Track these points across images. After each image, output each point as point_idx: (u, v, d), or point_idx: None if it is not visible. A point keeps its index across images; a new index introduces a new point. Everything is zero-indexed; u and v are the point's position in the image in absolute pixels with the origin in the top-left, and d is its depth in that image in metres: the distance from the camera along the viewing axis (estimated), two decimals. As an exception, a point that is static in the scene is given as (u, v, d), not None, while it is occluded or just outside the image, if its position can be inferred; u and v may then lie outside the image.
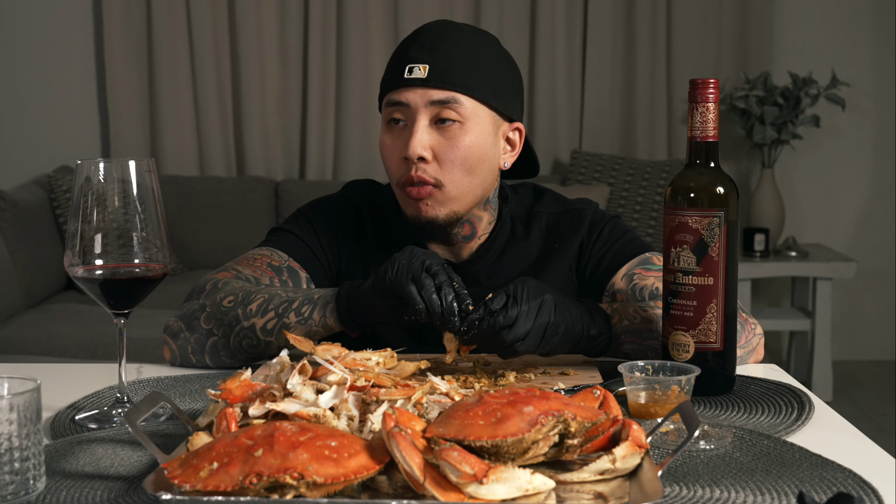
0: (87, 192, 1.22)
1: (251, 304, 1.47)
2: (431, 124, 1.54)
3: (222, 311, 1.49)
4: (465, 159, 1.54)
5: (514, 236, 1.66)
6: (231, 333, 1.48)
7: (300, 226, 1.65)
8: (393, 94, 1.55)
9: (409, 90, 1.53)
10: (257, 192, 4.49)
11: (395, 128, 1.56)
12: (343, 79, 4.67)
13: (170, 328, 1.53)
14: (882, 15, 4.81)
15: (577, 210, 1.68)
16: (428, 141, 1.53)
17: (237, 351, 1.49)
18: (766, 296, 4.93)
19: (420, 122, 1.53)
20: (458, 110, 1.53)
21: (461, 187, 1.55)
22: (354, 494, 0.96)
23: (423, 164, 1.52)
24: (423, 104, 1.53)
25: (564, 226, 1.67)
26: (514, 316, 1.34)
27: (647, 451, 1.02)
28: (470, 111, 1.54)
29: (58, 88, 4.67)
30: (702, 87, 1.33)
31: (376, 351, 1.23)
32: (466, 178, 1.55)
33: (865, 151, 4.89)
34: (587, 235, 1.66)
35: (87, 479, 1.04)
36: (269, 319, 1.46)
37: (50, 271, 4.02)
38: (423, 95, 1.52)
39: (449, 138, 1.53)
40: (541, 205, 1.69)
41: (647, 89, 4.73)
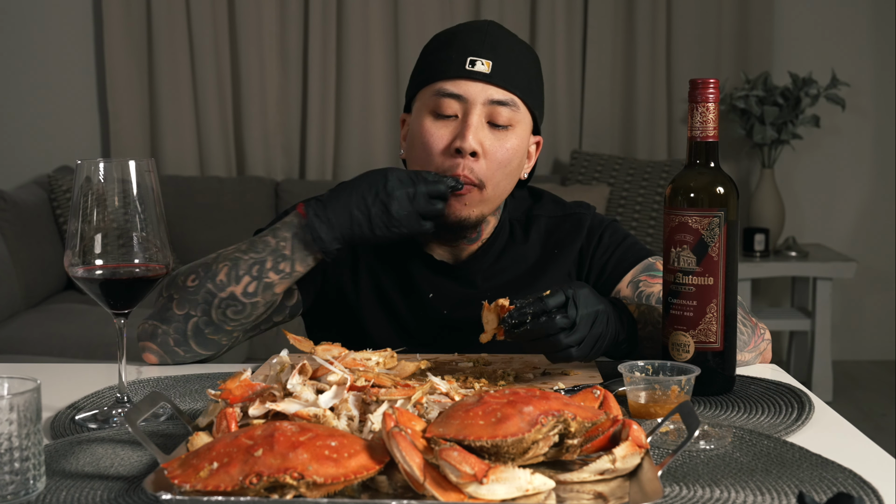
0: (87, 192, 1.22)
1: (218, 274, 1.46)
2: (483, 123, 1.52)
3: (190, 292, 1.47)
4: (508, 162, 1.53)
5: (513, 239, 1.66)
6: (211, 308, 1.47)
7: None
8: (447, 85, 1.52)
9: (470, 83, 1.51)
10: (257, 192, 4.48)
11: (442, 121, 1.53)
12: (343, 79, 4.67)
13: (144, 331, 1.52)
14: (882, 15, 4.81)
15: (576, 215, 1.67)
16: (481, 137, 1.51)
17: (222, 322, 1.48)
18: (766, 296, 4.93)
19: (476, 116, 1.51)
20: (513, 115, 1.53)
21: (498, 190, 1.55)
22: (354, 494, 0.96)
23: (472, 161, 1.51)
24: (483, 101, 1.51)
25: (564, 231, 1.66)
26: (574, 319, 1.30)
27: (647, 451, 1.02)
28: (520, 117, 1.54)
29: (58, 88, 4.67)
30: (702, 87, 1.33)
31: (376, 351, 1.23)
32: (504, 182, 1.55)
33: (865, 151, 4.89)
34: (587, 241, 1.65)
35: (87, 479, 1.04)
36: (248, 284, 1.45)
37: (50, 271, 4.02)
38: (483, 91, 1.51)
39: (499, 139, 1.53)
40: (539, 208, 1.69)
41: (647, 89, 4.73)
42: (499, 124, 1.52)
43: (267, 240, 1.48)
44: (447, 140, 1.52)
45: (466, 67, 1.51)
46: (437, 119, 1.53)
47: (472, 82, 1.51)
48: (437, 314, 1.62)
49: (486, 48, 1.52)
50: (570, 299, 1.31)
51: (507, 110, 1.52)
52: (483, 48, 1.52)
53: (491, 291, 1.60)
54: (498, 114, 1.52)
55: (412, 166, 1.58)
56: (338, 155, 4.73)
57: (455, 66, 1.51)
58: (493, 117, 1.52)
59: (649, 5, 4.70)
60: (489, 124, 1.52)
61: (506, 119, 1.52)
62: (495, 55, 1.52)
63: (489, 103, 1.51)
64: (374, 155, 4.68)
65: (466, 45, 1.52)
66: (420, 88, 1.57)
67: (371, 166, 4.66)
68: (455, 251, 1.64)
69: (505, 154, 1.53)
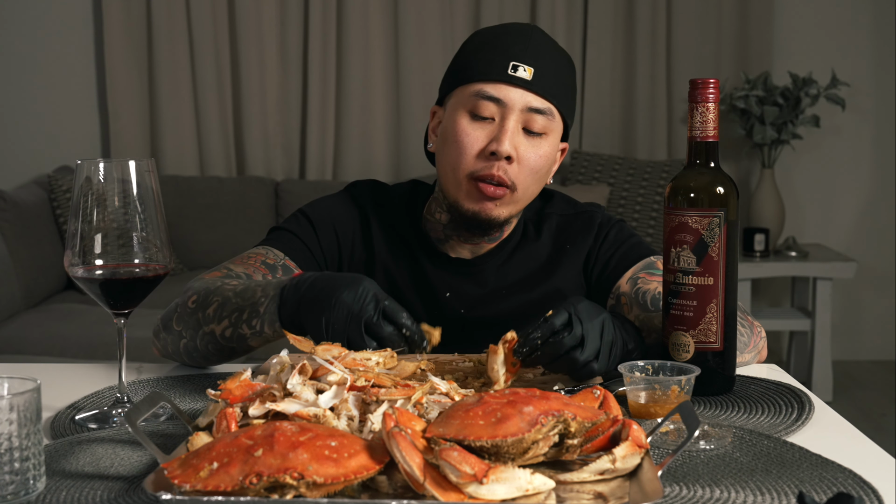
0: (87, 192, 1.22)
1: (209, 307, 1.43)
2: (519, 128, 1.53)
3: (188, 313, 1.45)
4: (540, 168, 1.55)
5: (526, 237, 1.67)
6: (197, 336, 1.45)
7: (300, 225, 1.64)
8: (488, 87, 1.52)
9: (511, 88, 1.52)
10: (257, 192, 4.48)
11: (479, 122, 1.53)
12: (343, 79, 4.67)
13: (156, 326, 1.53)
14: (882, 15, 4.81)
15: (588, 213, 1.69)
16: (517, 142, 1.53)
17: (207, 354, 1.46)
18: (766, 296, 4.93)
19: (514, 122, 1.52)
20: (548, 123, 1.54)
21: (528, 193, 1.57)
22: (354, 494, 0.96)
23: (506, 164, 1.52)
24: (522, 108, 1.52)
25: (575, 228, 1.67)
26: (580, 334, 1.28)
27: (647, 451, 1.02)
28: (554, 125, 1.56)
29: (58, 88, 4.67)
30: (702, 87, 1.33)
31: (376, 351, 1.23)
32: (534, 186, 1.57)
33: (865, 151, 4.89)
34: (594, 239, 1.66)
35: (87, 479, 1.04)
36: (226, 328, 1.41)
37: (50, 271, 4.02)
38: (523, 97, 1.52)
39: (533, 145, 1.54)
40: (551, 206, 1.69)
41: (647, 89, 4.73)
42: (534, 131, 1.54)
43: (255, 289, 1.41)
44: (483, 142, 1.52)
45: (509, 72, 1.51)
46: (473, 120, 1.53)
47: (512, 87, 1.52)
48: (454, 314, 1.62)
49: (529, 54, 1.53)
50: (573, 315, 1.29)
51: (543, 118, 1.53)
52: (526, 54, 1.53)
53: (505, 289, 1.62)
54: (534, 121, 1.53)
55: (442, 162, 1.58)
56: (338, 155, 4.73)
57: (497, 69, 1.52)
58: (529, 124, 1.53)
59: (649, 5, 4.70)
60: (524, 130, 1.53)
61: (541, 126, 1.53)
62: (537, 62, 1.53)
63: (527, 110, 1.52)
64: (374, 155, 4.68)
65: (510, 49, 1.53)
66: (458, 85, 1.56)
67: (371, 166, 4.67)
68: (474, 249, 1.64)
69: (537, 161, 1.54)
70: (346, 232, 1.65)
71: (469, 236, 1.61)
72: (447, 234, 1.63)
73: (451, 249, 1.64)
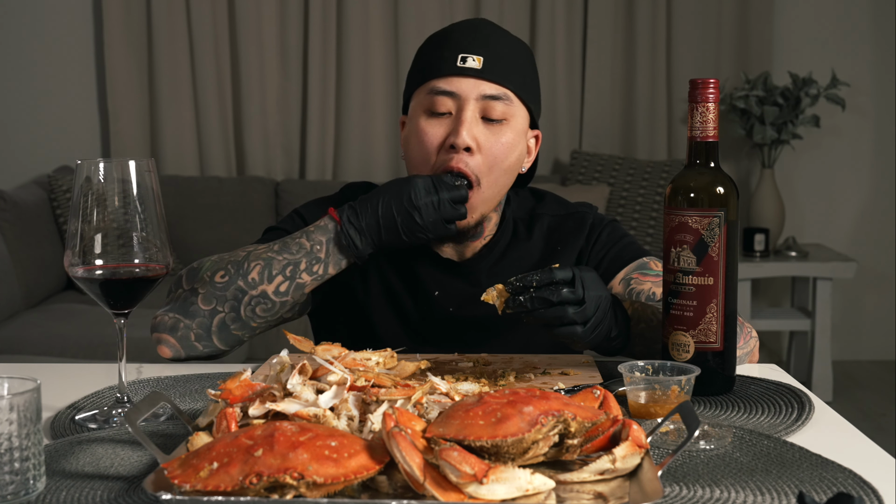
0: (87, 192, 1.22)
1: (250, 272, 1.48)
2: (477, 118, 1.53)
3: (219, 288, 1.48)
4: (505, 157, 1.54)
5: (517, 237, 1.67)
6: (240, 305, 1.48)
7: (295, 224, 1.65)
8: (440, 83, 1.53)
9: (462, 79, 1.52)
10: (257, 192, 4.49)
11: (437, 119, 1.54)
12: (343, 79, 4.67)
13: (163, 324, 1.52)
14: (882, 15, 4.81)
15: (579, 213, 1.69)
16: (475, 134, 1.52)
17: (250, 319, 1.50)
18: (766, 296, 4.93)
19: (470, 112, 1.52)
20: (507, 109, 1.53)
21: (497, 187, 1.56)
22: (354, 494, 0.96)
23: (467, 156, 1.52)
24: (476, 96, 1.52)
25: (567, 228, 1.67)
26: (582, 297, 1.30)
27: (647, 451, 1.02)
28: (515, 111, 1.55)
29: (58, 88, 4.67)
30: (702, 87, 1.33)
31: (376, 351, 1.23)
32: (502, 177, 1.56)
33: (865, 151, 4.89)
34: (586, 239, 1.67)
35: (87, 479, 1.04)
36: (280, 283, 1.48)
37: (50, 271, 4.02)
38: (475, 86, 1.52)
39: (494, 133, 1.53)
40: (542, 207, 1.70)
41: (647, 89, 4.73)
42: (493, 118, 1.53)
43: (301, 242, 1.50)
44: (441, 137, 1.53)
45: (458, 64, 1.52)
46: (431, 117, 1.54)
47: (463, 78, 1.52)
48: (443, 313, 1.63)
49: (476, 44, 1.53)
50: (578, 277, 1.31)
51: (500, 104, 1.52)
52: (474, 44, 1.53)
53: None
54: (492, 108, 1.52)
55: (410, 165, 1.59)
56: (338, 155, 4.73)
57: (447, 64, 1.52)
58: (487, 112, 1.52)
59: (649, 5, 4.70)
60: (484, 119, 1.53)
61: (500, 113, 1.53)
62: (486, 50, 1.53)
63: (482, 98, 1.52)
64: (374, 155, 4.68)
65: (458, 43, 1.54)
66: (415, 89, 1.58)
67: (371, 166, 4.66)
68: (461, 249, 1.65)
69: (501, 149, 1.53)
70: None
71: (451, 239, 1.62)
72: None
73: (441, 250, 1.64)
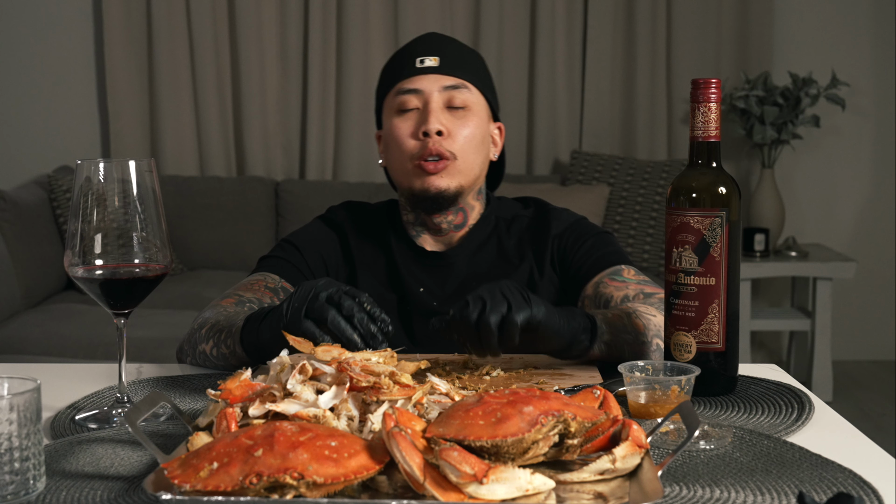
0: (87, 192, 1.22)
1: (204, 327, 1.55)
2: (443, 109, 1.67)
3: (192, 332, 1.58)
4: (473, 137, 1.68)
5: (497, 232, 1.75)
6: (195, 354, 1.55)
7: (285, 251, 1.73)
8: (405, 83, 1.68)
9: (423, 77, 1.68)
10: (257, 192, 4.49)
11: (406, 114, 1.68)
12: (343, 79, 4.67)
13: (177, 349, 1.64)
14: (882, 15, 4.81)
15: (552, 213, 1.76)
16: (443, 120, 1.66)
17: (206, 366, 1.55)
18: (766, 296, 4.93)
19: (435, 102, 1.67)
20: (467, 96, 1.68)
21: (470, 161, 1.68)
22: (354, 494, 0.96)
23: (440, 139, 1.65)
24: (437, 89, 1.67)
25: (540, 228, 1.75)
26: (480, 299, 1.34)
27: (647, 451, 1.02)
28: (475, 99, 1.70)
29: (58, 88, 4.67)
30: (704, 87, 1.33)
31: (376, 351, 1.23)
32: (474, 155, 1.69)
33: (865, 151, 4.89)
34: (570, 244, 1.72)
35: (87, 479, 1.04)
36: (213, 347, 1.52)
37: (50, 271, 4.02)
38: (436, 81, 1.68)
39: (459, 118, 1.68)
40: (526, 210, 1.79)
41: (647, 89, 4.73)
42: (456, 106, 1.67)
43: (239, 311, 1.55)
44: (413, 128, 1.67)
45: (417, 66, 1.68)
46: (401, 115, 1.68)
47: (424, 76, 1.68)
48: (427, 306, 1.69)
49: (433, 48, 1.71)
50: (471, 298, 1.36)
51: (461, 93, 1.68)
52: (430, 49, 1.70)
53: (474, 281, 1.69)
54: (453, 97, 1.68)
55: (391, 163, 1.71)
56: (338, 155, 4.73)
57: (408, 68, 1.69)
58: (450, 101, 1.68)
59: (649, 5, 4.69)
60: (448, 109, 1.67)
61: (462, 101, 1.68)
62: (441, 52, 1.70)
63: (444, 90, 1.67)
64: (374, 155, 4.67)
65: (416, 49, 1.71)
66: (383, 98, 1.73)
67: (371, 166, 4.67)
68: (444, 239, 1.73)
69: (468, 131, 1.67)
70: (329, 252, 1.75)
71: (434, 224, 1.71)
72: (417, 230, 1.73)
73: (426, 243, 1.74)
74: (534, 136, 4.76)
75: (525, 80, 4.76)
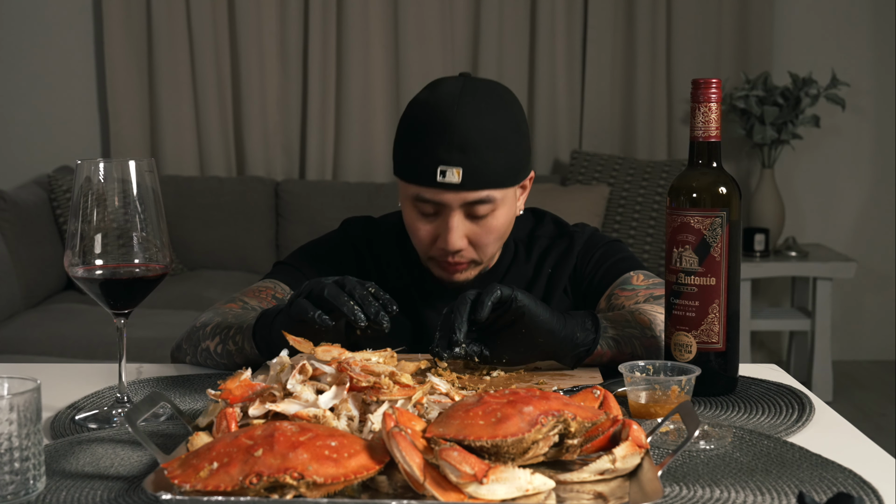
0: (87, 192, 1.22)
1: (209, 325, 1.54)
2: (463, 220, 1.55)
3: (193, 331, 1.57)
4: (498, 235, 1.59)
5: (517, 259, 1.71)
6: (196, 352, 1.55)
7: (302, 261, 1.70)
8: (424, 192, 1.54)
9: (444, 192, 1.53)
10: (257, 192, 4.48)
11: (425, 217, 1.57)
12: (343, 79, 4.67)
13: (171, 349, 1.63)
14: (882, 15, 4.80)
15: (570, 234, 1.71)
16: (464, 231, 1.56)
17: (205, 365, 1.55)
18: (766, 296, 4.93)
19: (456, 219, 1.54)
20: (494, 202, 1.55)
21: (494, 255, 1.63)
22: (354, 494, 0.96)
23: (459, 254, 1.57)
24: (459, 204, 1.54)
25: (559, 250, 1.70)
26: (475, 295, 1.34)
27: (647, 451, 1.02)
28: (500, 198, 1.56)
29: (58, 88, 4.67)
30: (704, 87, 1.33)
31: (376, 351, 1.23)
32: (497, 244, 1.61)
33: (865, 151, 4.89)
34: (580, 259, 1.69)
35: (87, 479, 1.04)
36: (217, 343, 1.51)
37: (50, 271, 4.02)
38: (458, 197, 1.53)
39: (482, 225, 1.56)
40: (540, 228, 1.73)
41: (647, 89, 4.73)
42: (480, 216, 1.55)
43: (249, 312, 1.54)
44: (432, 234, 1.57)
45: (438, 179, 1.51)
46: (420, 216, 1.57)
47: (445, 192, 1.53)
48: None
49: (454, 152, 1.50)
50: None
51: (484, 206, 1.54)
52: (451, 153, 1.51)
53: None
54: (477, 210, 1.54)
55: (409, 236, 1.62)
56: (338, 155, 4.72)
57: (426, 176, 1.52)
58: (474, 211, 1.55)
59: (649, 5, 4.69)
60: (472, 217, 1.55)
61: (486, 210, 1.55)
62: (464, 157, 1.51)
63: (466, 204, 1.54)
64: (374, 155, 4.68)
65: (435, 150, 1.51)
66: (400, 175, 1.59)
67: (371, 166, 4.66)
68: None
69: (493, 234, 1.57)
70: (344, 267, 1.69)
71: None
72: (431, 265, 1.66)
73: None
74: (534, 136, 4.75)
75: (525, 80, 4.76)
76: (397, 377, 1.13)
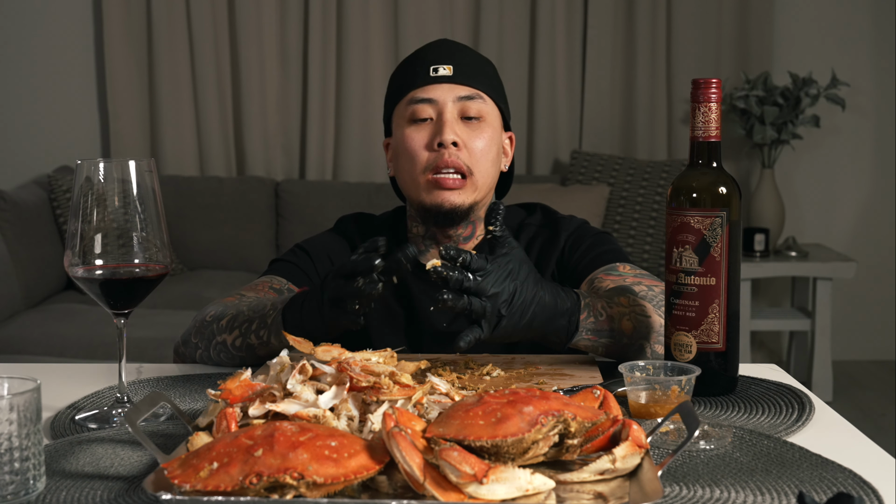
0: (87, 192, 1.22)
1: (223, 318, 1.54)
2: (457, 119, 1.63)
3: (204, 325, 1.56)
4: (488, 149, 1.64)
5: None
6: (210, 346, 1.55)
7: (297, 256, 1.73)
8: (418, 92, 1.63)
9: (437, 86, 1.63)
10: (257, 192, 4.48)
11: (419, 124, 1.63)
12: (343, 79, 4.67)
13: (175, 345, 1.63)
14: (882, 15, 4.81)
15: (557, 220, 1.73)
16: (457, 131, 1.62)
17: (219, 363, 1.56)
18: (766, 296, 4.93)
19: (450, 113, 1.62)
20: (481, 107, 1.64)
21: (486, 176, 1.64)
22: (354, 494, 0.96)
23: (455, 151, 1.61)
24: (452, 99, 1.63)
25: (545, 238, 1.72)
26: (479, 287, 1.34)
27: (647, 451, 1.02)
28: (489, 109, 1.65)
29: (58, 88, 4.67)
30: (704, 87, 1.33)
31: (376, 351, 1.23)
32: (489, 167, 1.65)
33: (865, 151, 4.89)
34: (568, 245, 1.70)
35: (87, 479, 1.04)
36: (236, 337, 1.51)
37: (50, 271, 4.02)
38: (450, 90, 1.63)
39: (474, 130, 1.63)
40: (530, 218, 1.76)
41: (647, 89, 4.73)
42: (471, 116, 1.63)
43: (265, 303, 1.53)
44: (427, 139, 1.62)
45: (431, 74, 1.63)
46: (414, 124, 1.64)
47: (438, 85, 1.63)
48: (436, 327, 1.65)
49: (445, 56, 1.66)
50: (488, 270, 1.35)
51: (475, 103, 1.63)
52: (442, 56, 1.66)
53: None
54: (468, 108, 1.63)
55: (401, 174, 1.67)
56: (338, 155, 4.73)
57: (421, 76, 1.64)
58: (465, 111, 1.63)
59: (649, 5, 4.70)
60: (462, 119, 1.63)
61: (476, 111, 1.63)
62: (454, 60, 1.65)
63: (458, 100, 1.63)
64: (374, 155, 4.68)
65: (428, 57, 1.66)
66: (394, 106, 1.68)
67: (371, 166, 4.66)
68: None
69: (483, 144, 1.63)
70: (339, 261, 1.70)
71: (444, 237, 1.66)
72: (427, 244, 1.69)
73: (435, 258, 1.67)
74: (534, 135, 4.76)
75: (525, 80, 4.76)
76: (397, 377, 1.13)
